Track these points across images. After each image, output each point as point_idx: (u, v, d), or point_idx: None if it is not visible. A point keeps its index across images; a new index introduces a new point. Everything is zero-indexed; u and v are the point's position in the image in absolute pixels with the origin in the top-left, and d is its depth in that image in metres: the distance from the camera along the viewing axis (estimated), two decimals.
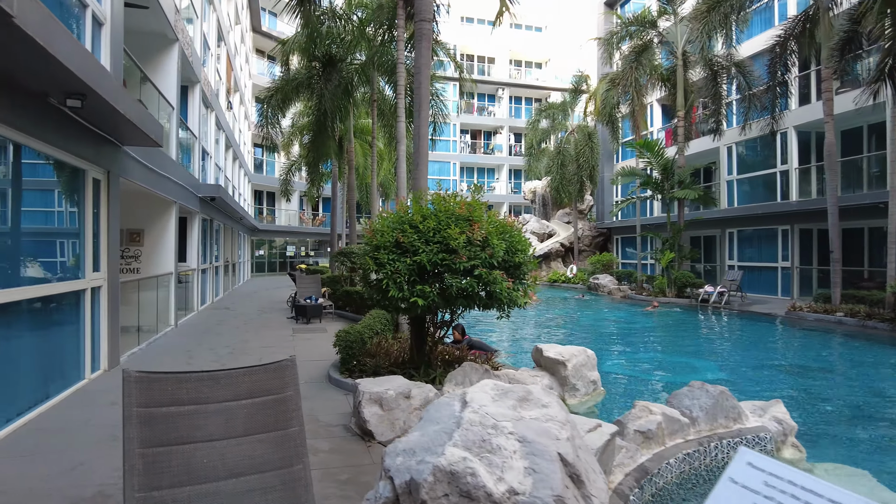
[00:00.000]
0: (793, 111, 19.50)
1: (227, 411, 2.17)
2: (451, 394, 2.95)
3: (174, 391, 2.12)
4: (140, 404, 2.04)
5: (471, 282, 5.80)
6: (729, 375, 9.46)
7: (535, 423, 2.47)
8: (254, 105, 34.71)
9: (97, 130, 6.81)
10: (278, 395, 2.30)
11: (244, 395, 2.24)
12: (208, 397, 2.17)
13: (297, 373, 2.44)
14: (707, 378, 9.33)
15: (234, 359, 8.53)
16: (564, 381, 6.52)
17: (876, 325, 12.99)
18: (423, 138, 7.40)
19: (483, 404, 2.58)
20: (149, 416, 2.03)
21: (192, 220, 14.49)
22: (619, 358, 10.86)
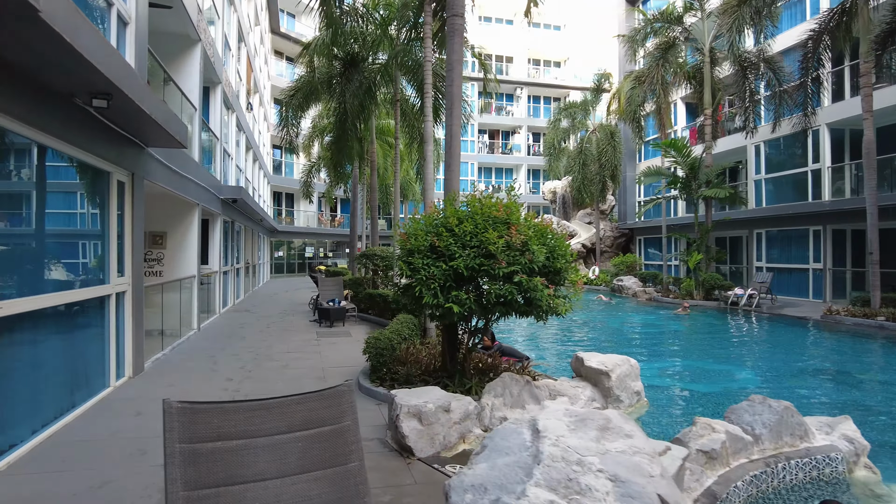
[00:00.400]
0: (825, 108, 18.92)
1: (279, 446, 1.91)
2: (518, 419, 2.67)
3: (220, 424, 1.86)
4: (183, 440, 1.78)
5: (510, 288, 5.49)
6: (771, 384, 9.05)
7: (623, 457, 2.17)
8: (272, 107, 34.74)
9: (122, 132, 6.63)
10: (335, 426, 2.03)
11: (298, 427, 1.98)
12: (258, 430, 1.91)
13: (355, 400, 2.17)
14: (748, 387, 8.96)
15: (259, 365, 8.31)
16: (608, 393, 6.20)
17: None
18: (455, 137, 7.12)
19: (560, 434, 2.29)
20: (193, 453, 1.77)
21: (214, 221, 14.37)
22: (655, 365, 10.47)
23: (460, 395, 5.31)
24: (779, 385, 9.02)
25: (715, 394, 8.26)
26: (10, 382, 4.56)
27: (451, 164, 7.09)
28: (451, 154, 7.10)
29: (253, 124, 24.22)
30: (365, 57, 13.98)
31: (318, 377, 7.51)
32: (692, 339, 13.58)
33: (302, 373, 7.77)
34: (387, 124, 22.11)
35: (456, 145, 7.10)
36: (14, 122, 4.47)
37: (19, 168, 5.01)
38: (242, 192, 15.00)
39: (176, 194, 9.80)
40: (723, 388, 8.76)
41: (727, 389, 8.66)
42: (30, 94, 4.64)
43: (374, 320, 13.48)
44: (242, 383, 7.11)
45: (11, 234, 4.83)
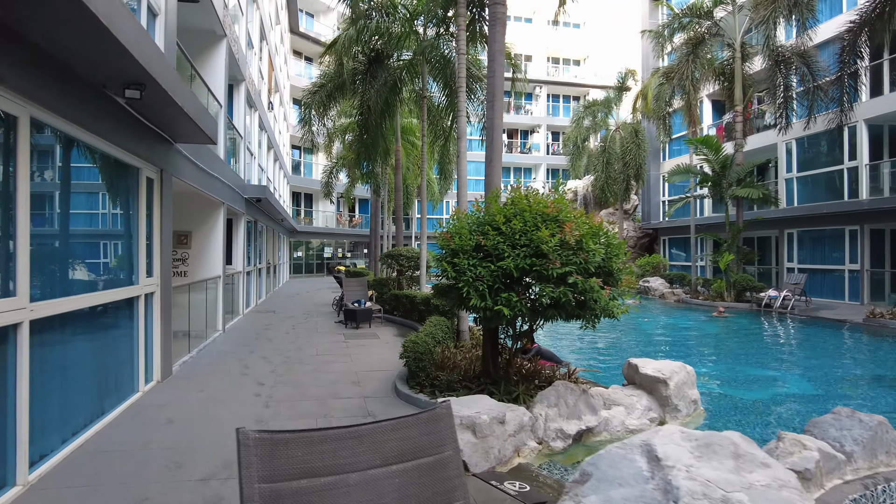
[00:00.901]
0: (863, 103, 18.24)
1: (373, 483, 1.58)
2: (627, 444, 2.32)
3: (305, 457, 1.53)
4: (263, 478, 1.46)
5: (564, 291, 5.13)
6: (822, 391, 8.58)
7: (772, 493, 1.82)
8: (292, 107, 34.66)
9: (151, 126, 6.38)
10: (435, 457, 1.71)
11: (393, 459, 1.65)
12: (349, 464, 1.58)
13: (454, 424, 1.84)
14: (799, 394, 8.50)
15: (290, 368, 8.03)
16: (665, 402, 5.81)
17: None
18: (497, 131, 6.77)
19: (689, 463, 1.94)
20: (275, 495, 1.45)
21: (238, 221, 14.17)
22: (700, 370, 10.04)
23: (513, 406, 4.96)
24: (831, 392, 8.56)
25: (765, 401, 7.82)
26: (42, 388, 4.30)
27: (493, 159, 6.74)
28: (492, 149, 6.75)
29: (273, 124, 24.08)
30: (390, 54, 13.68)
31: (353, 381, 7.20)
32: (731, 342, 13.07)
33: (335, 377, 7.47)
34: (408, 123, 21.83)
35: (497, 139, 6.75)
36: (43, 111, 4.21)
37: (47, 163, 4.75)
38: (266, 191, 14.80)
39: (202, 192, 9.57)
40: (772, 394, 8.31)
41: (778, 396, 8.22)
42: (59, 82, 4.37)
43: (401, 322, 13.17)
44: (275, 388, 6.82)
45: (41, 235, 4.58)
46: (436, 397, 6.07)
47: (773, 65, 18.47)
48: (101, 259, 5.86)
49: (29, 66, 3.92)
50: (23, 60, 3.85)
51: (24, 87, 3.87)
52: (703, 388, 8.32)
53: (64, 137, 4.73)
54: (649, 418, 5.67)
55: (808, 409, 7.31)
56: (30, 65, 3.94)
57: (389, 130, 17.83)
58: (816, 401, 7.99)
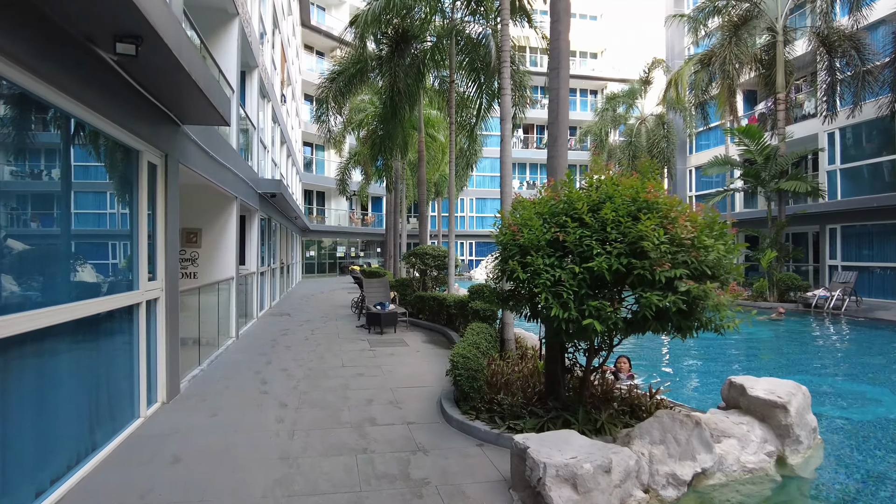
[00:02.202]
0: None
1: None
2: None
3: None
4: None
5: (674, 300, 4.03)
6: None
7: None
8: (304, 102, 33.72)
9: (153, 100, 5.35)
10: None
11: None
12: None
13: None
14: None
15: (315, 384, 6.98)
16: (785, 432, 4.69)
17: None
18: (563, 102, 5.69)
19: None
20: None
21: (251, 218, 13.17)
22: None
23: (613, 446, 3.86)
24: None
25: (873, 423, 6.68)
26: (11, 424, 3.29)
27: (559, 137, 5.65)
28: (557, 127, 5.66)
29: (286, 118, 23.10)
30: (416, 34, 12.61)
31: (390, 401, 6.14)
32: (794, 349, 11.86)
33: (368, 395, 6.41)
34: (427, 115, 20.73)
35: (563, 111, 5.65)
36: (10, 67, 3.18)
37: (25, 139, 3.72)
38: (281, 186, 13.78)
39: (214, 185, 8.55)
40: (877, 415, 7.16)
41: (884, 417, 7.06)
42: (36, 33, 3.35)
43: (427, 326, 12.12)
44: (301, 411, 5.77)
45: (9, 232, 3.55)
46: (497, 426, 5.00)
47: (819, 47, 17.20)
48: (92, 260, 4.82)
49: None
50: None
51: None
52: None
53: (38, 105, 3.70)
54: (766, 452, 4.56)
55: None
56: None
57: (408, 122, 16.78)
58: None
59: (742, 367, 10.07)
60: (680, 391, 8.24)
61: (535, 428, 4.85)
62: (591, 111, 44.67)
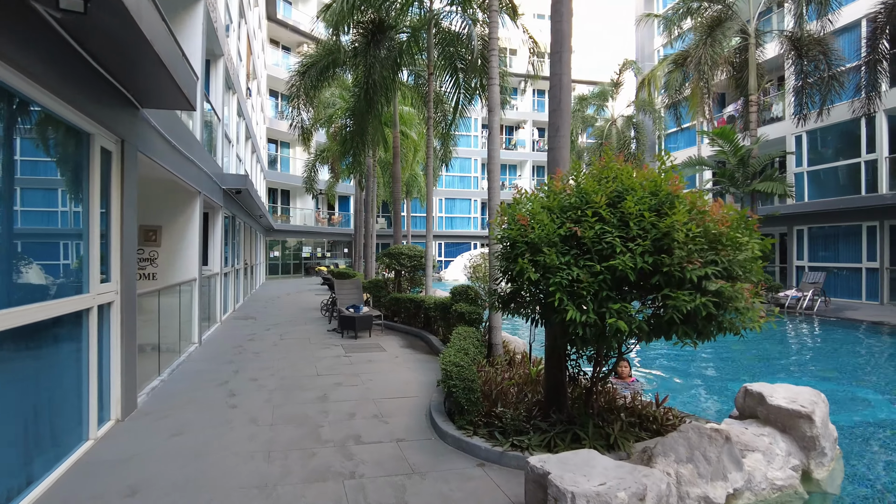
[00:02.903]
0: (883, 93, 17.17)
1: None
2: None
3: None
4: None
5: (704, 301, 3.62)
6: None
7: None
8: (269, 98, 32.72)
9: (107, 75, 4.68)
10: None
11: None
12: None
13: None
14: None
15: (289, 396, 6.36)
16: (811, 444, 4.34)
17: None
18: (566, 89, 5.24)
19: None
20: None
21: (215, 216, 12.39)
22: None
23: (642, 468, 3.40)
24: None
25: (872, 426, 6.46)
26: None
27: (561, 127, 5.20)
28: (560, 115, 5.20)
29: (251, 113, 22.20)
30: (392, 25, 12.05)
31: (375, 415, 5.58)
32: (776, 351, 11.74)
33: (349, 408, 5.84)
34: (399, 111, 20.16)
35: (566, 99, 5.21)
36: None
37: None
38: (247, 182, 13.02)
39: (176, 178, 7.83)
40: (873, 418, 6.95)
41: (879, 420, 6.86)
42: None
43: (404, 329, 11.57)
44: (276, 429, 5.16)
45: None
46: (499, 442, 4.51)
47: (790, 51, 17.33)
48: (33, 261, 4.14)
49: None
50: None
51: None
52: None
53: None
54: (792, 467, 4.20)
55: None
56: None
57: (382, 118, 16.22)
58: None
59: (721, 370, 9.85)
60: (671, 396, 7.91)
61: (542, 444, 4.38)
62: None
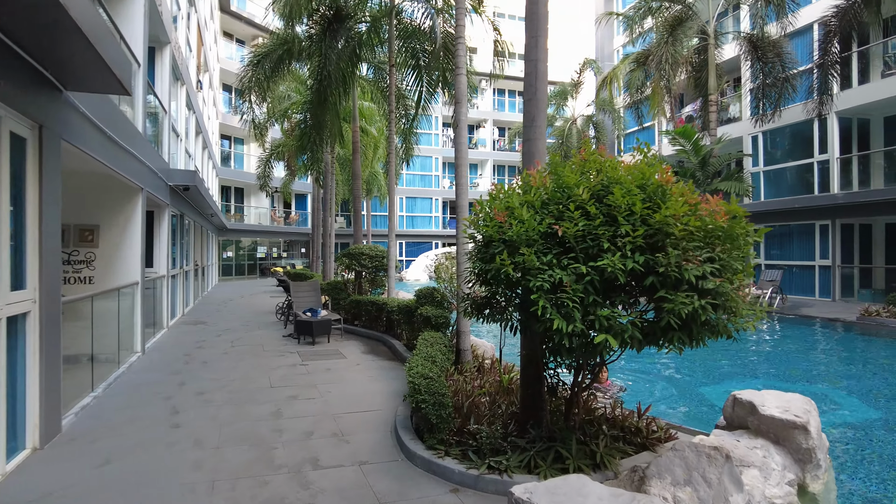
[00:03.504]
0: (834, 96, 17.53)
1: None
2: None
3: None
4: None
5: (703, 304, 3.28)
6: (890, 411, 7.25)
7: None
8: (221, 93, 31.49)
9: (17, 49, 4.03)
10: None
11: None
12: None
13: None
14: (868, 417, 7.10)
15: (239, 412, 5.77)
16: (807, 457, 4.07)
17: None
18: (542, 77, 4.84)
19: None
20: None
21: (161, 214, 11.56)
22: (722, 388, 8.54)
23: (644, 498, 3.02)
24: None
25: (851, 430, 6.32)
26: None
27: (537, 117, 4.79)
28: (536, 105, 4.77)
29: (203, 108, 21.16)
30: (350, 14, 11.48)
31: (334, 433, 5.06)
32: (735, 349, 11.72)
33: (306, 425, 5.29)
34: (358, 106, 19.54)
35: (542, 90, 4.81)
36: None
37: None
38: (196, 178, 12.22)
39: (114, 172, 7.10)
40: (837, 418, 6.84)
41: (847, 420, 6.75)
42: None
43: (365, 334, 11.04)
44: (223, 452, 4.58)
45: None
46: (474, 464, 4.07)
47: (749, 51, 17.54)
48: None
49: None
50: None
51: None
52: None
53: None
54: (788, 482, 3.91)
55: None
56: None
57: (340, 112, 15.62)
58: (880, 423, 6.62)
59: (684, 370, 9.69)
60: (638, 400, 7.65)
61: (522, 465, 3.97)
62: (519, 112, 44.87)
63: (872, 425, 6.53)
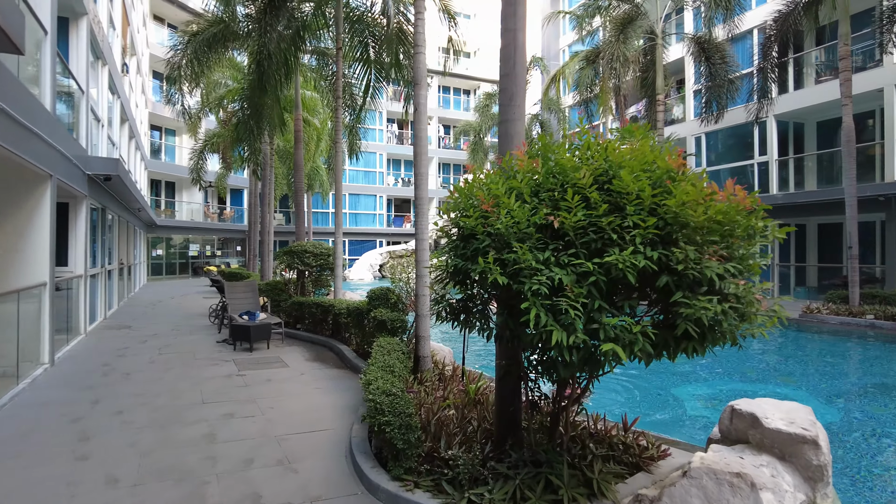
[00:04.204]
0: (773, 99, 17.97)
1: None
2: None
3: None
4: None
5: (725, 309, 2.80)
6: (841, 407, 7.20)
7: None
8: (151, 80, 29.47)
9: None
10: None
11: None
12: None
13: None
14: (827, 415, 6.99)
15: (165, 436, 4.92)
16: (818, 475, 3.67)
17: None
18: (521, 50, 4.21)
19: None
20: None
21: (77, 206, 10.33)
22: (691, 389, 8.32)
23: None
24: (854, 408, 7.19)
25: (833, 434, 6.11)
26: None
27: (515, 95, 4.19)
28: (514, 81, 4.15)
29: (130, 94, 19.55)
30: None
31: (280, 461, 4.32)
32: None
33: (245, 451, 4.52)
34: (301, 96, 18.52)
35: (521, 64, 4.20)
36: None
37: None
38: (119, 167, 10.99)
39: (10, 154, 6.04)
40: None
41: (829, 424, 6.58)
42: None
43: (308, 338, 10.21)
44: (142, 491, 3.76)
45: None
46: (450, 498, 3.45)
47: (698, 52, 17.74)
48: None
49: None
50: None
51: None
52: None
53: None
54: (800, 503, 3.52)
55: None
56: None
57: (281, 100, 14.65)
58: (855, 419, 6.51)
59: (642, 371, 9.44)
60: (603, 405, 7.28)
61: (508, 498, 3.38)
62: (464, 111, 44.59)
63: (841, 430, 6.37)
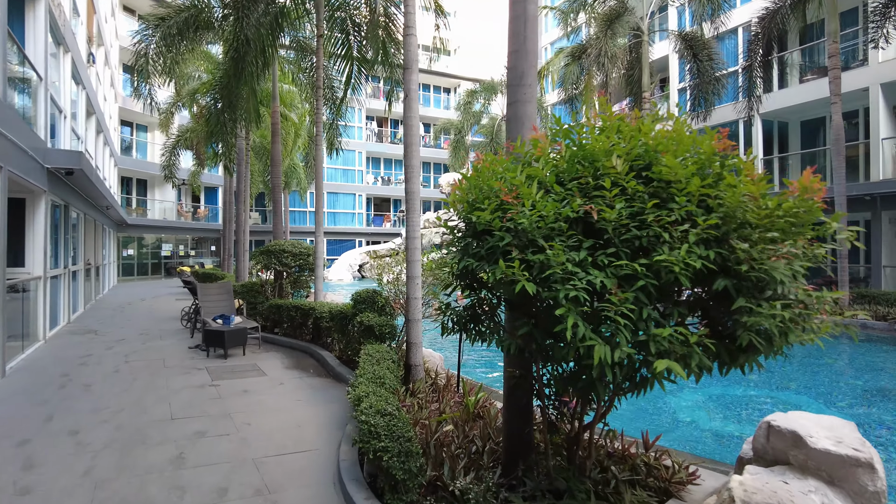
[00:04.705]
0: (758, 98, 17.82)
1: None
2: None
3: None
4: None
5: (794, 317, 2.35)
6: (844, 411, 6.90)
7: None
8: (121, 73, 28.36)
9: None
10: None
11: None
12: None
13: None
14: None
15: (125, 461, 4.32)
16: (874, 502, 3.26)
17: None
18: (532, 23, 3.73)
19: None
20: None
21: (35, 202, 9.58)
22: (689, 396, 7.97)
23: None
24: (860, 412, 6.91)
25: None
26: None
27: (526, 74, 3.67)
28: (525, 58, 3.64)
29: (97, 86, 18.62)
30: None
31: (258, 491, 3.76)
32: None
33: (218, 479, 3.95)
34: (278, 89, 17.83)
35: (532, 40, 3.73)
36: None
37: None
38: (82, 160, 10.23)
39: None
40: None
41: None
42: None
43: (287, 343, 9.60)
44: None
45: None
46: None
47: (685, 49, 17.52)
48: None
49: None
50: None
51: None
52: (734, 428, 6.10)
53: None
54: None
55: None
56: None
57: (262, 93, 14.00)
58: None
59: None
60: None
61: None
62: (444, 109, 44.14)
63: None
